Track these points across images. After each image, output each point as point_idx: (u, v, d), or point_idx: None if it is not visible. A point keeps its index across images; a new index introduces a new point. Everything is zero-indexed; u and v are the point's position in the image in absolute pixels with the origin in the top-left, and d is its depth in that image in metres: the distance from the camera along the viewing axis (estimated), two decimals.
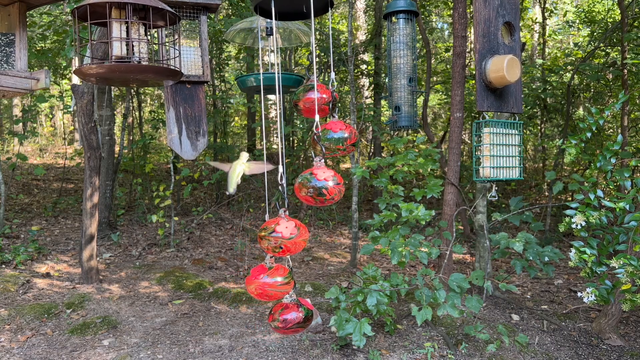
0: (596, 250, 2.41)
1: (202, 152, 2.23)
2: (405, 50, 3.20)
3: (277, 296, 1.53)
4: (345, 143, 1.49)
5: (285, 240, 1.42)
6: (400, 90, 3.22)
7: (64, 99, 8.74)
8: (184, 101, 2.22)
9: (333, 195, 1.43)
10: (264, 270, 1.51)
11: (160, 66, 1.65)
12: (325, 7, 1.65)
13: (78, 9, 1.51)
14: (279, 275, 1.51)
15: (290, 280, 1.53)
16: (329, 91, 1.57)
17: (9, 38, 1.94)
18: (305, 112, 1.58)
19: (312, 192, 1.43)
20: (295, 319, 1.54)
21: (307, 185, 1.43)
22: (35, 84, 1.94)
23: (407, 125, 3.20)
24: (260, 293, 1.51)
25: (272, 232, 1.43)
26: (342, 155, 1.52)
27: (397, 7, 3.18)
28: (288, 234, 1.42)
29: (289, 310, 1.55)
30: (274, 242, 1.43)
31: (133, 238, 6.38)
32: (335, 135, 1.49)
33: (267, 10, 1.65)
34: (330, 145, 1.49)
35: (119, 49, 1.55)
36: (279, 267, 1.53)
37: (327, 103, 1.56)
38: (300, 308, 1.56)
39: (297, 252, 1.48)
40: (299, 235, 1.44)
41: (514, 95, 2.41)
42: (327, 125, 1.51)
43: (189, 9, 2.20)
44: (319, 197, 1.43)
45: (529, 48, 11.29)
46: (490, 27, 2.27)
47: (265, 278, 1.50)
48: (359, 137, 1.55)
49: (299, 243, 1.45)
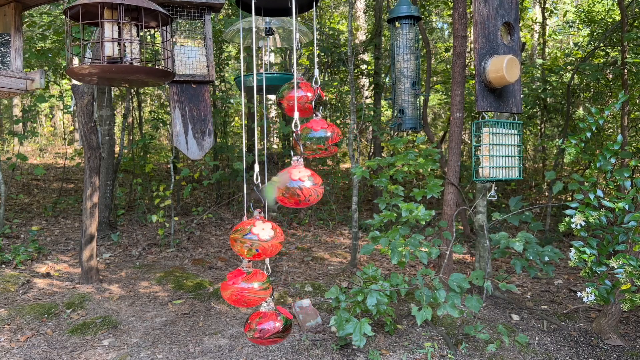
0: (596, 250, 2.41)
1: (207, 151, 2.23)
2: (409, 54, 3.23)
3: (255, 302, 1.45)
4: (326, 142, 1.43)
5: (261, 242, 1.35)
6: (404, 93, 3.26)
7: (64, 99, 8.75)
8: (190, 101, 2.22)
9: (308, 196, 1.35)
10: (242, 275, 1.44)
11: (151, 67, 1.65)
12: (310, 3, 1.63)
13: (70, 9, 1.51)
14: (256, 280, 1.44)
15: (269, 286, 1.46)
16: (313, 89, 1.51)
17: (4, 38, 1.94)
18: (288, 111, 1.52)
19: (285, 192, 1.36)
20: (273, 328, 1.46)
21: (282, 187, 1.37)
22: (30, 84, 1.94)
23: (411, 128, 3.24)
24: (237, 299, 1.43)
25: (247, 233, 1.36)
26: (324, 155, 1.47)
27: (401, 12, 3.21)
28: (265, 235, 1.36)
29: (267, 319, 1.47)
30: (248, 245, 1.36)
31: (133, 238, 6.38)
32: (316, 135, 1.42)
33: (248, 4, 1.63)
34: (310, 145, 1.42)
35: (111, 49, 1.55)
36: (257, 271, 1.46)
37: (311, 101, 1.50)
38: (279, 317, 1.49)
39: (272, 255, 1.41)
40: (275, 238, 1.38)
41: (513, 95, 2.41)
42: (308, 124, 1.45)
43: (194, 9, 2.20)
44: (293, 197, 1.36)
45: (529, 48, 11.29)
46: (489, 27, 2.27)
47: (242, 283, 1.42)
48: (341, 137, 1.50)
49: (275, 246, 1.38)
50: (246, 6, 1.65)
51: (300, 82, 1.52)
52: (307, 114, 1.54)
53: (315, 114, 1.50)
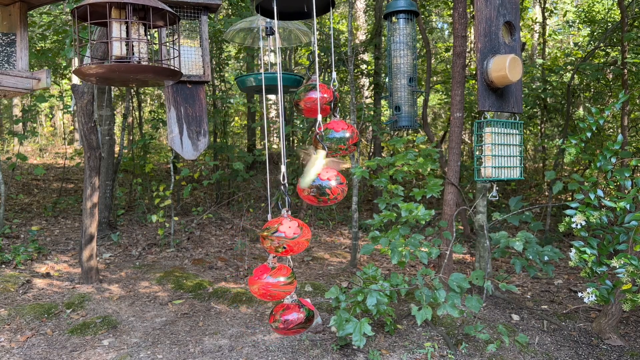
0: (596, 250, 2.41)
1: (202, 152, 2.23)
2: (406, 50, 3.20)
3: (280, 296, 1.53)
4: (347, 143, 1.49)
5: (288, 240, 1.42)
6: (401, 90, 3.22)
7: (64, 99, 8.74)
8: (185, 101, 2.22)
9: (336, 194, 1.44)
10: (267, 270, 1.51)
11: (159, 66, 1.65)
12: (327, 6, 1.65)
13: (78, 9, 1.51)
14: (282, 275, 1.51)
15: (293, 280, 1.54)
16: (330, 91, 1.57)
17: (10, 38, 1.94)
18: (306, 112, 1.58)
19: (315, 191, 1.43)
20: (297, 319, 1.54)
21: (310, 185, 1.44)
22: (36, 83, 1.94)
23: (407, 125, 3.21)
24: (263, 293, 1.51)
25: (275, 231, 1.43)
26: (344, 154, 1.53)
27: (398, 7, 3.18)
28: (291, 233, 1.43)
29: (290, 310, 1.55)
30: (276, 242, 1.43)
31: (133, 238, 6.38)
32: (337, 135, 1.49)
33: (268, 9, 1.64)
34: (332, 145, 1.49)
35: (118, 49, 1.55)
36: (281, 267, 1.53)
37: (329, 102, 1.56)
38: (302, 309, 1.56)
39: (300, 251, 1.48)
40: (301, 235, 1.44)
41: (514, 95, 2.41)
42: (329, 125, 1.51)
43: (190, 9, 2.19)
44: (322, 196, 1.43)
45: (529, 48, 11.29)
46: (491, 27, 2.27)
47: (268, 278, 1.50)
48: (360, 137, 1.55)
49: (302, 243, 1.45)
50: (265, 11, 1.66)
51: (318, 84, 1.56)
52: (323, 115, 1.58)
53: (334, 114, 1.57)
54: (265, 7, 1.63)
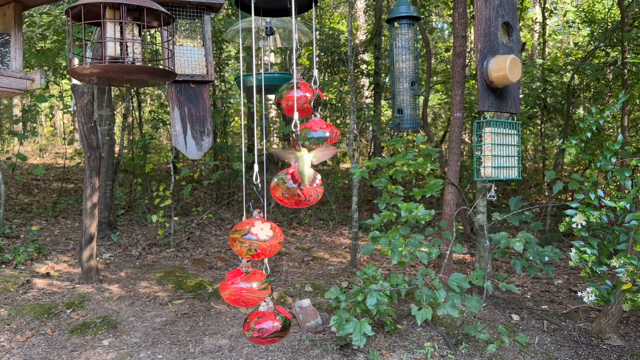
0: (597, 250, 2.41)
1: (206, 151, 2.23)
2: (408, 54, 3.23)
3: (254, 302, 1.46)
4: (325, 143, 1.44)
5: (260, 242, 1.36)
6: (403, 93, 3.26)
7: (64, 98, 8.74)
8: (189, 101, 2.21)
9: (308, 196, 1.37)
10: (241, 275, 1.44)
11: (153, 67, 1.65)
12: (309, 3, 1.63)
13: (72, 9, 1.51)
14: (255, 280, 1.44)
15: (268, 286, 1.47)
16: (312, 89, 1.51)
17: (4, 38, 1.93)
18: (287, 111, 1.52)
19: (286, 193, 1.37)
20: (272, 328, 1.47)
21: (282, 186, 1.38)
22: (30, 84, 1.94)
23: (410, 128, 3.24)
24: (236, 299, 1.43)
25: (246, 233, 1.37)
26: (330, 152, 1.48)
27: (400, 12, 3.20)
28: (264, 236, 1.36)
29: (265, 318, 1.48)
30: (247, 245, 1.36)
31: (133, 238, 6.38)
32: (315, 135, 1.44)
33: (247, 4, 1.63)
34: (309, 145, 1.43)
35: (112, 49, 1.55)
36: (256, 271, 1.47)
37: (310, 101, 1.51)
38: (278, 316, 1.49)
39: (271, 255, 1.41)
40: (274, 238, 1.38)
41: (512, 95, 2.42)
42: (307, 124, 1.46)
43: (193, 9, 2.19)
44: (293, 197, 1.37)
45: (529, 48, 11.29)
46: (490, 27, 2.27)
47: (241, 283, 1.43)
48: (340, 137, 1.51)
49: (274, 246, 1.39)
50: (245, 6, 1.65)
51: (299, 83, 1.52)
52: (306, 114, 1.54)
53: (314, 114, 1.51)
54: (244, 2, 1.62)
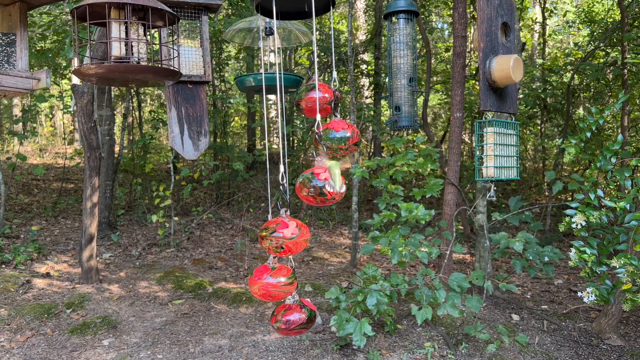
0: (596, 250, 2.41)
1: (203, 152, 2.23)
2: (406, 50, 3.20)
3: (281, 297, 1.53)
4: (347, 142, 1.49)
5: (286, 240, 1.42)
6: (401, 90, 3.22)
7: (64, 99, 8.74)
8: (186, 101, 2.22)
9: (334, 195, 1.44)
10: (267, 271, 1.51)
11: (158, 66, 1.65)
12: (327, 6, 1.65)
13: (77, 9, 1.51)
14: (282, 275, 1.50)
15: (294, 281, 1.53)
16: (331, 90, 1.56)
17: (10, 38, 1.93)
18: (307, 112, 1.57)
19: (313, 191, 1.44)
20: (298, 320, 1.54)
21: (308, 185, 1.44)
22: (36, 83, 1.94)
23: (408, 125, 3.21)
24: (263, 293, 1.50)
25: (273, 232, 1.43)
26: (344, 154, 1.52)
27: (398, 7, 3.18)
28: (289, 234, 1.42)
29: (292, 311, 1.55)
30: (275, 242, 1.43)
31: (133, 238, 6.38)
32: (337, 135, 1.48)
33: (268, 9, 1.65)
34: (332, 145, 1.48)
35: (118, 49, 1.55)
36: (282, 267, 1.53)
37: (329, 102, 1.55)
38: (303, 309, 1.56)
39: (298, 252, 1.48)
40: (300, 236, 1.44)
41: (510, 96, 2.42)
42: (330, 125, 1.50)
43: (190, 9, 2.19)
44: (320, 196, 1.44)
45: (529, 48, 11.29)
46: (491, 27, 2.27)
47: (268, 278, 1.49)
48: (360, 137, 1.54)
49: (300, 243, 1.45)
50: (266, 11, 1.66)
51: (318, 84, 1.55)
52: (324, 115, 1.57)
53: (335, 114, 1.56)
54: (265, 6, 1.64)
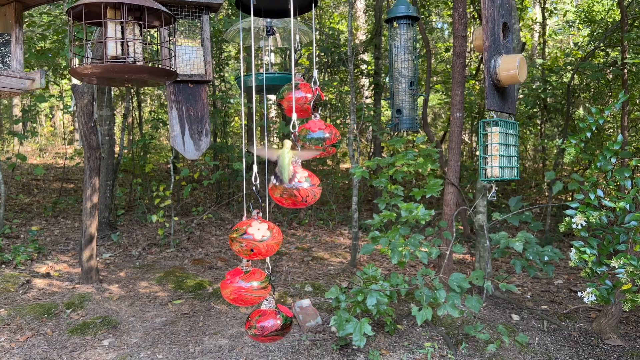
0: (596, 250, 2.41)
1: (204, 151, 2.23)
2: (407, 54, 3.22)
3: (253, 301, 1.47)
4: (324, 143, 1.44)
5: (256, 242, 1.37)
6: (402, 93, 3.25)
7: (64, 99, 8.74)
8: (187, 101, 2.21)
9: (305, 197, 1.38)
10: (240, 274, 1.46)
11: (154, 66, 1.65)
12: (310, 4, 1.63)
13: (73, 9, 1.51)
14: (255, 279, 1.45)
15: (267, 285, 1.48)
16: (312, 90, 1.52)
17: (4, 38, 1.93)
18: (288, 111, 1.53)
19: (285, 193, 1.38)
20: (273, 326, 1.49)
21: (279, 187, 1.39)
22: (30, 84, 1.94)
23: (409, 128, 3.24)
24: (235, 298, 1.45)
25: (243, 234, 1.38)
26: (322, 156, 1.49)
27: (399, 12, 3.20)
28: (260, 236, 1.37)
29: (267, 317, 1.50)
30: (245, 245, 1.38)
31: (133, 238, 6.38)
32: (314, 135, 1.44)
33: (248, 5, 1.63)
34: (309, 146, 1.44)
35: (114, 49, 1.55)
36: (255, 271, 1.48)
37: (310, 102, 1.51)
38: (279, 315, 1.51)
39: (269, 255, 1.42)
40: (271, 238, 1.39)
41: (510, 96, 2.42)
42: (306, 125, 1.47)
43: (191, 9, 2.19)
44: (290, 198, 1.38)
45: (529, 48, 11.29)
46: (494, 26, 2.27)
47: (240, 282, 1.44)
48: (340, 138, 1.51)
49: (272, 246, 1.39)
50: (245, 7, 1.65)
51: (300, 83, 1.52)
52: (306, 115, 1.54)
53: (314, 115, 1.51)
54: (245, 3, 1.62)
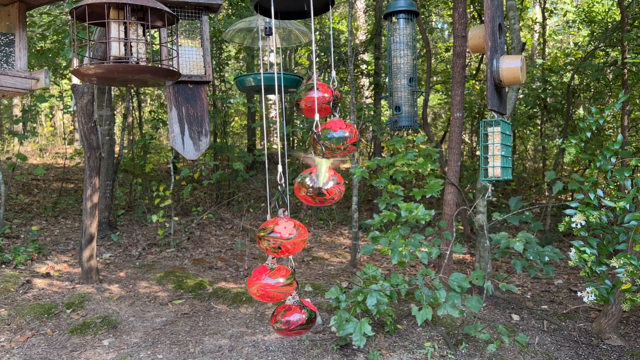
0: (596, 250, 2.41)
1: (204, 152, 2.23)
2: (406, 50, 3.19)
3: (279, 297, 1.52)
4: (345, 142, 1.47)
5: (283, 240, 1.41)
6: (401, 90, 3.22)
7: (64, 99, 8.75)
8: (186, 101, 2.21)
9: (333, 195, 1.43)
10: (266, 271, 1.50)
11: (158, 67, 1.65)
12: (326, 6, 1.65)
13: (76, 9, 1.51)
14: (280, 276, 1.49)
15: (293, 281, 1.52)
16: (330, 90, 1.56)
17: (8, 38, 1.93)
18: (306, 112, 1.57)
19: (311, 192, 1.43)
20: (298, 320, 1.53)
21: (307, 185, 1.43)
22: (35, 83, 1.94)
23: (408, 125, 3.20)
24: (262, 294, 1.49)
25: (270, 232, 1.42)
26: (343, 155, 1.51)
27: (398, 7, 3.18)
28: (287, 234, 1.42)
29: (292, 311, 1.54)
30: (272, 243, 1.42)
31: (133, 238, 6.38)
32: (335, 135, 1.47)
33: (267, 9, 1.65)
34: (330, 145, 1.47)
35: (117, 49, 1.55)
36: (280, 267, 1.52)
37: (329, 102, 1.55)
38: (303, 310, 1.55)
39: (296, 252, 1.47)
40: (298, 236, 1.43)
41: (504, 97, 2.42)
42: (327, 125, 1.50)
43: (191, 9, 2.19)
44: (319, 197, 1.43)
45: (529, 48, 11.29)
46: (494, 27, 2.27)
47: (267, 279, 1.48)
48: (359, 137, 1.54)
49: (298, 243, 1.44)
50: (265, 11, 1.66)
51: (318, 84, 1.54)
52: (324, 114, 1.57)
53: (333, 114, 1.55)
54: (264, 6, 1.64)
